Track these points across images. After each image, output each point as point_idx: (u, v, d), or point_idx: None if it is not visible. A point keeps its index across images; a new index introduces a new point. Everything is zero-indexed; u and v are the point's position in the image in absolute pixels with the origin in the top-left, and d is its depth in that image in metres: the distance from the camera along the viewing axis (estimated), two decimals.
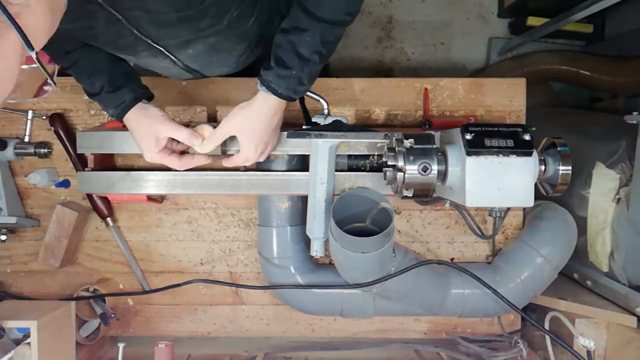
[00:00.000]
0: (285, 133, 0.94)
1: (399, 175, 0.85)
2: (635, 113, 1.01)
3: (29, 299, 1.11)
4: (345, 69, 1.95)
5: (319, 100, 0.99)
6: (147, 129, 0.86)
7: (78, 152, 1.02)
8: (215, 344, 1.19)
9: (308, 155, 0.97)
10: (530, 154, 0.79)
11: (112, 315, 1.07)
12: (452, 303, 1.04)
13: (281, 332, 1.15)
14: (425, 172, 0.84)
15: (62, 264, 1.08)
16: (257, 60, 0.98)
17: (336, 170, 0.97)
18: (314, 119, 0.97)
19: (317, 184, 0.93)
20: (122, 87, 0.86)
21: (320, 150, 0.93)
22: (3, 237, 1.08)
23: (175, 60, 0.84)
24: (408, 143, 0.86)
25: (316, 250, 0.95)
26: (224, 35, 0.81)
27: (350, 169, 0.99)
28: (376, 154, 0.98)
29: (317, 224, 0.94)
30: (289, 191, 0.99)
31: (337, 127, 0.94)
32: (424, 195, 0.87)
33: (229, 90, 1.10)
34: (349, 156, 0.99)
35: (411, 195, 0.87)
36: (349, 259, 0.89)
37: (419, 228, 1.11)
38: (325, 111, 0.98)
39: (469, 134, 0.80)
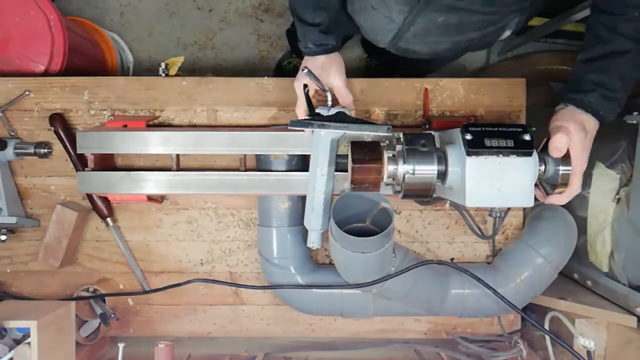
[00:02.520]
0: (283, 133, 0.94)
1: (399, 175, 0.85)
2: (635, 113, 1.01)
3: (29, 299, 1.11)
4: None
5: (324, 91, 0.98)
6: (342, 67, 0.95)
7: (78, 152, 1.02)
8: (215, 344, 1.19)
9: (308, 156, 0.96)
10: (530, 154, 0.79)
11: (112, 316, 1.07)
12: (452, 303, 1.04)
13: (281, 332, 1.15)
14: (425, 172, 0.84)
15: (62, 264, 1.08)
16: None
17: (336, 170, 0.97)
18: (317, 110, 0.96)
19: (317, 175, 0.93)
20: (332, 33, 0.93)
21: (322, 141, 0.93)
22: (3, 237, 1.08)
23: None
24: (408, 143, 0.86)
25: (313, 241, 0.94)
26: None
27: None
28: None
29: (315, 216, 0.93)
30: (289, 191, 0.99)
31: (340, 118, 0.94)
32: (424, 195, 0.87)
33: (229, 90, 1.10)
34: (348, 156, 0.99)
35: (411, 195, 0.87)
36: (349, 259, 0.89)
37: (419, 228, 1.11)
38: (329, 102, 0.97)
39: (469, 134, 0.80)
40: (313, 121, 0.93)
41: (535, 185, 0.83)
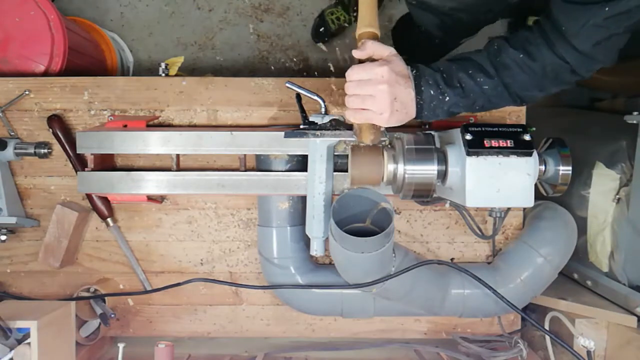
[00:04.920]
0: (283, 133, 0.94)
1: (399, 175, 0.85)
2: (635, 113, 1.01)
3: (29, 299, 1.11)
4: (345, 69, 1.95)
5: (316, 100, 0.99)
6: None
7: (78, 152, 1.02)
8: (215, 344, 1.19)
9: (308, 156, 0.96)
10: (530, 154, 0.79)
11: (112, 316, 1.07)
12: (452, 303, 1.04)
13: (281, 332, 1.15)
14: (425, 172, 0.84)
15: (62, 264, 1.08)
16: None
17: (335, 170, 0.97)
18: (311, 118, 0.97)
19: (316, 183, 0.93)
20: None
21: (318, 149, 0.93)
22: (3, 237, 1.08)
23: None
24: (408, 143, 0.86)
25: (316, 249, 0.95)
26: None
27: None
28: None
29: (316, 223, 0.94)
30: (289, 191, 0.99)
31: (334, 125, 0.94)
32: (424, 195, 0.87)
33: (228, 90, 1.10)
34: (348, 156, 0.99)
35: (411, 195, 0.87)
36: (349, 259, 0.89)
37: (419, 228, 1.11)
38: (323, 110, 0.97)
39: (468, 134, 0.80)
40: (308, 131, 0.93)
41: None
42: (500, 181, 0.78)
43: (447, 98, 0.78)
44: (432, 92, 0.78)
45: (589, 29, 0.72)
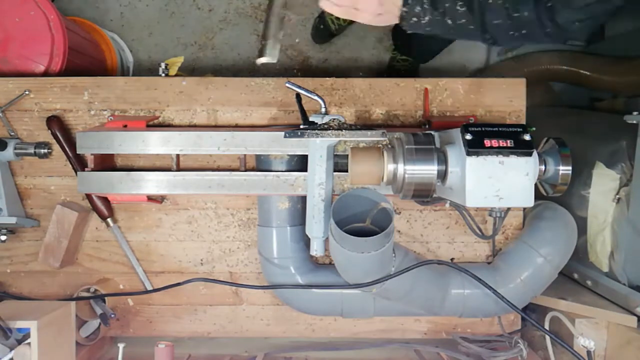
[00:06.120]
0: (283, 133, 0.94)
1: (399, 175, 0.85)
2: (635, 113, 1.01)
3: (29, 299, 1.11)
4: (345, 69, 1.96)
5: (316, 100, 0.99)
6: None
7: (78, 152, 1.03)
8: (215, 344, 1.19)
9: (308, 156, 0.96)
10: (530, 154, 0.79)
11: (112, 316, 1.07)
12: (452, 303, 1.04)
13: (281, 332, 1.15)
14: (425, 172, 0.84)
15: (62, 264, 1.08)
16: None
17: (335, 170, 0.97)
18: (311, 118, 0.97)
19: (316, 183, 0.93)
20: None
21: (318, 149, 0.93)
22: (3, 237, 1.08)
23: None
24: (408, 143, 0.86)
25: (316, 249, 0.95)
26: None
27: None
28: None
29: (316, 223, 0.94)
30: (289, 191, 0.99)
31: (334, 125, 0.94)
32: (424, 195, 0.87)
33: (229, 90, 1.10)
34: (348, 156, 0.99)
35: (411, 195, 0.87)
36: (349, 259, 0.89)
37: (419, 228, 1.11)
38: (323, 110, 0.98)
39: (469, 134, 0.80)
40: (308, 131, 0.93)
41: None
42: (500, 181, 0.78)
43: (428, 17, 0.79)
44: (417, 8, 0.79)
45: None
